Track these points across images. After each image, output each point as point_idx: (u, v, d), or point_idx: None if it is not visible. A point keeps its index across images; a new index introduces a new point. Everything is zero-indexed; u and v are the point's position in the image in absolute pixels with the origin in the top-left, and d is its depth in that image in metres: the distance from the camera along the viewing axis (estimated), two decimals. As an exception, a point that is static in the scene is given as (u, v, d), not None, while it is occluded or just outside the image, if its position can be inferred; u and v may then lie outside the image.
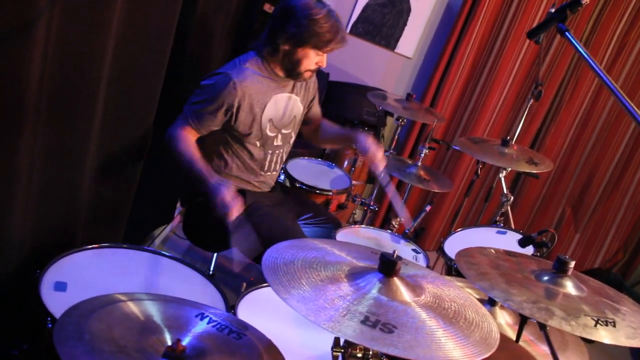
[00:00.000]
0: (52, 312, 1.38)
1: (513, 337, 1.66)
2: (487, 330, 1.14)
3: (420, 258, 2.39)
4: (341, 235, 2.35)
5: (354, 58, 3.78)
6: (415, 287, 1.19)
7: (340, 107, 3.55)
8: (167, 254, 1.79)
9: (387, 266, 1.15)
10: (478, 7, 3.52)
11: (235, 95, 2.04)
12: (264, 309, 1.70)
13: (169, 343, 1.09)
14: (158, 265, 1.74)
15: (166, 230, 3.04)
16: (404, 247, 2.45)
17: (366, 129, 3.59)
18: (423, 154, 2.69)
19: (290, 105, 2.25)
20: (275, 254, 1.20)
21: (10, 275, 1.60)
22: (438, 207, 3.91)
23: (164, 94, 2.10)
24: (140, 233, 2.71)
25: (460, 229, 2.58)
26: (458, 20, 3.59)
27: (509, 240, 2.48)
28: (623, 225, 4.06)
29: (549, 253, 2.20)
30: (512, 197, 2.69)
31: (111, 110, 1.81)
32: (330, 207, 2.78)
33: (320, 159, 3.14)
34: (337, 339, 1.17)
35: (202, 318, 1.21)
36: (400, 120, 3.14)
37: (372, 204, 3.07)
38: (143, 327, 1.11)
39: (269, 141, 2.20)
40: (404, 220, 2.42)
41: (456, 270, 2.30)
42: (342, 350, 1.17)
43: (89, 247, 1.70)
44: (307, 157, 3.08)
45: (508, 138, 2.65)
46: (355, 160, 3.45)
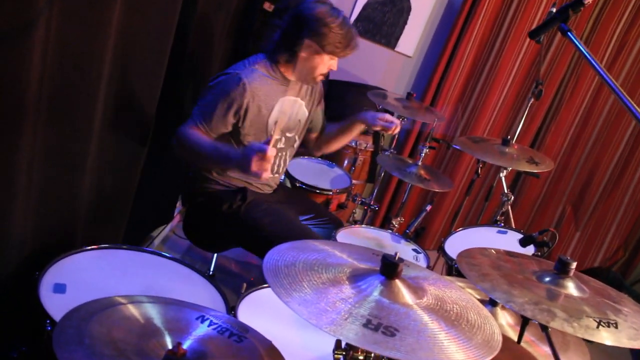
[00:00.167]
0: (51, 314, 1.37)
1: (514, 337, 1.66)
2: (489, 332, 1.13)
3: (421, 258, 2.39)
4: (341, 235, 2.34)
5: (354, 57, 3.71)
6: (417, 289, 1.18)
7: (341, 106, 3.54)
8: (167, 255, 1.78)
9: (389, 268, 1.15)
10: (478, 5, 3.51)
11: (245, 95, 2.03)
12: (265, 310, 1.69)
13: (170, 346, 1.08)
14: (158, 266, 1.74)
15: (166, 230, 3.03)
16: (405, 247, 2.45)
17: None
18: (423, 154, 2.68)
19: (295, 109, 2.24)
20: (276, 255, 1.19)
21: (9, 276, 1.59)
22: (438, 207, 3.91)
23: (164, 93, 2.09)
24: (140, 233, 2.70)
25: (460, 228, 2.57)
26: (458, 18, 3.58)
27: (510, 240, 2.48)
28: (623, 224, 4.06)
29: (550, 252, 2.20)
30: (513, 197, 2.68)
31: (111, 111, 1.80)
32: (330, 207, 2.78)
33: (320, 158, 3.13)
34: (339, 341, 1.17)
35: (203, 320, 1.20)
36: (400, 120, 3.13)
37: (372, 203, 3.07)
38: (143, 330, 1.10)
39: (273, 144, 2.18)
40: None
41: (457, 270, 2.30)
42: (344, 353, 1.17)
43: (89, 248, 1.69)
44: (307, 157, 3.07)
45: (509, 137, 2.64)
46: (355, 160, 3.44)
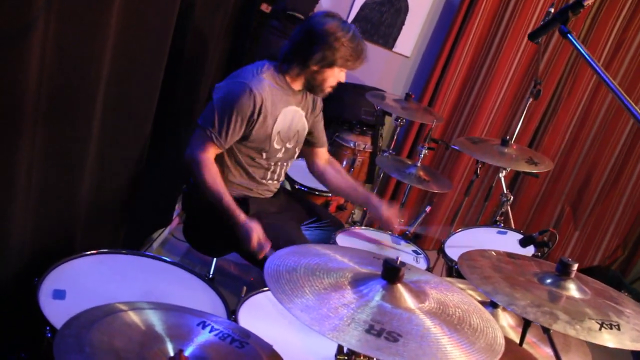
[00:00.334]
0: (51, 321, 1.37)
1: (515, 339, 1.65)
2: (492, 336, 1.13)
3: (421, 259, 2.38)
4: (341, 237, 2.33)
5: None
6: (418, 293, 1.17)
7: (339, 107, 3.54)
8: (167, 260, 1.77)
9: (391, 273, 1.14)
10: (476, 5, 3.50)
11: (255, 106, 2.03)
12: (265, 313, 1.69)
13: (171, 354, 1.08)
14: (158, 270, 1.73)
15: (165, 233, 3.02)
16: (405, 248, 2.44)
17: (365, 128, 3.58)
18: (422, 155, 2.68)
19: (296, 119, 2.23)
20: (277, 261, 1.19)
21: (8, 281, 1.58)
22: (437, 207, 3.91)
23: (162, 94, 2.08)
24: (140, 236, 2.69)
25: (460, 229, 2.57)
26: (456, 18, 3.58)
27: (510, 240, 2.48)
28: (622, 223, 4.06)
29: (549, 252, 2.20)
30: (512, 197, 2.68)
31: (110, 112, 1.79)
32: (329, 208, 2.77)
33: (319, 160, 3.12)
34: (341, 346, 1.16)
35: (204, 327, 1.20)
36: (399, 121, 3.13)
37: (371, 204, 3.06)
38: (145, 337, 1.10)
39: (273, 153, 2.19)
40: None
41: (457, 271, 2.30)
42: (346, 357, 1.16)
43: (88, 253, 1.68)
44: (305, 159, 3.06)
45: (507, 138, 2.64)
46: (354, 161, 3.44)
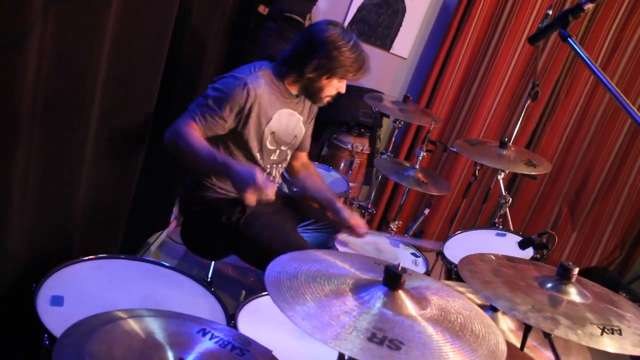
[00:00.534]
0: (49, 328, 1.36)
1: (516, 343, 1.65)
2: (494, 343, 1.12)
3: (420, 262, 2.38)
4: (340, 240, 2.33)
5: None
6: (420, 300, 1.17)
7: (336, 109, 3.52)
8: (166, 264, 1.76)
9: (392, 279, 1.13)
10: (473, 7, 3.50)
11: (248, 101, 2.01)
12: (264, 318, 1.68)
13: (172, 362, 1.07)
14: (156, 275, 1.72)
15: (162, 236, 3.01)
16: (403, 251, 2.44)
17: (363, 130, 3.58)
18: (421, 157, 2.67)
19: (293, 124, 2.22)
20: (277, 267, 1.18)
21: (6, 289, 1.57)
22: (435, 209, 3.90)
23: (160, 98, 2.08)
24: (137, 240, 2.68)
25: (459, 231, 2.56)
26: (453, 20, 3.58)
27: (509, 242, 2.47)
28: (619, 223, 4.07)
29: (548, 254, 2.20)
30: (511, 199, 2.68)
31: (107, 116, 1.78)
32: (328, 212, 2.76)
33: (317, 162, 3.12)
34: (342, 354, 1.15)
35: (205, 334, 1.19)
36: (397, 123, 3.13)
37: (369, 206, 3.06)
38: (145, 345, 1.09)
39: (267, 154, 2.18)
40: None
41: (456, 274, 2.29)
42: (347, 364, 1.15)
43: (86, 258, 1.67)
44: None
45: (506, 140, 2.63)
46: (351, 162, 3.44)
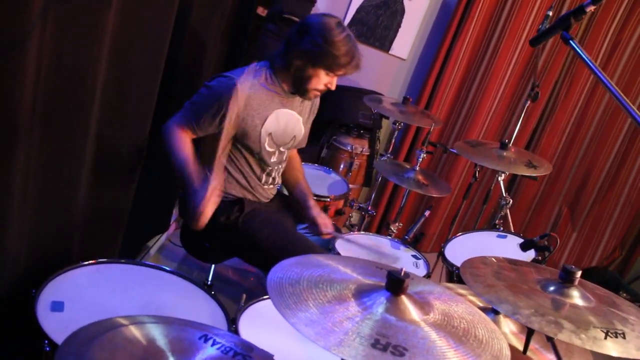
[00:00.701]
0: (50, 334, 1.35)
1: (518, 346, 1.64)
2: (497, 348, 1.11)
3: (421, 264, 2.37)
4: (340, 243, 2.32)
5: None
6: (423, 305, 1.16)
7: (336, 111, 3.53)
8: (166, 269, 1.75)
9: (395, 285, 1.13)
10: (472, 7, 3.50)
11: (236, 102, 2.00)
12: (266, 322, 1.67)
13: (174, 369, 1.06)
14: (157, 280, 1.71)
15: (162, 239, 3.01)
16: (404, 253, 2.43)
17: (362, 132, 3.57)
18: (421, 158, 2.67)
19: (292, 124, 2.21)
20: (280, 273, 1.17)
21: (5, 294, 1.56)
22: (435, 210, 3.90)
23: (159, 98, 2.07)
24: (137, 243, 2.67)
25: (460, 233, 2.56)
26: (452, 21, 3.57)
27: (510, 244, 2.47)
28: (620, 223, 4.07)
29: (550, 255, 2.19)
30: (511, 200, 2.68)
31: (107, 119, 1.78)
32: (328, 214, 2.76)
33: (317, 165, 3.11)
34: (345, 359, 1.14)
35: (206, 340, 1.18)
36: (397, 124, 3.12)
37: (369, 208, 3.05)
38: (146, 353, 1.08)
39: (266, 156, 2.16)
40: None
41: (457, 276, 2.29)
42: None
43: (86, 263, 1.66)
44: (304, 163, 3.04)
45: (506, 141, 2.63)
46: (351, 164, 3.43)
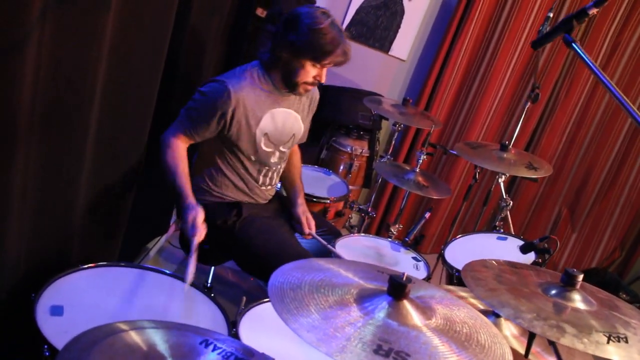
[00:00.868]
0: (49, 338, 1.34)
1: (519, 349, 1.64)
2: (500, 353, 1.11)
3: (421, 266, 2.37)
4: (340, 245, 2.32)
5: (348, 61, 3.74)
6: (425, 310, 1.15)
7: (335, 112, 3.52)
8: (166, 272, 1.75)
9: (397, 289, 1.12)
10: (472, 8, 3.49)
11: (230, 104, 2.00)
12: (266, 325, 1.66)
13: (174, 375, 1.05)
14: (156, 283, 1.70)
15: (161, 241, 2.98)
16: (404, 256, 2.43)
17: (362, 133, 3.56)
18: (421, 160, 2.66)
19: (290, 122, 2.20)
20: (281, 277, 1.16)
21: (4, 298, 1.55)
22: (435, 211, 3.89)
23: (159, 101, 2.07)
24: (136, 245, 2.66)
25: (460, 235, 2.55)
26: (452, 21, 3.57)
27: (510, 246, 2.46)
28: (619, 224, 4.07)
29: (549, 258, 2.19)
30: (512, 202, 2.68)
31: (106, 122, 1.77)
32: (327, 215, 2.75)
33: (316, 166, 3.10)
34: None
35: (207, 345, 1.17)
36: (397, 126, 3.12)
37: (369, 210, 3.05)
38: (147, 358, 1.07)
39: (264, 156, 2.16)
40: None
41: (458, 278, 2.28)
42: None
43: (85, 266, 1.66)
44: (303, 164, 3.04)
45: (507, 142, 2.62)
46: (351, 165, 3.42)
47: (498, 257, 1.64)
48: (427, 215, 2.53)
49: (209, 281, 2.45)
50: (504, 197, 2.71)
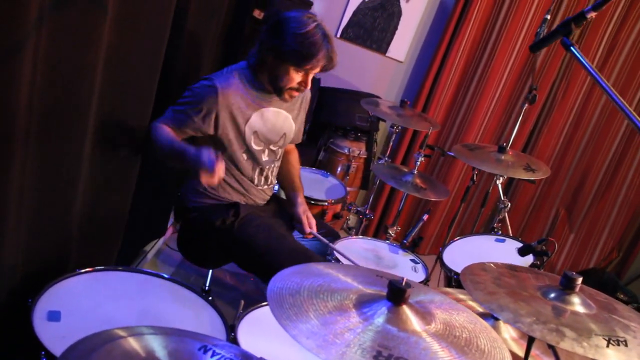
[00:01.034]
0: (46, 345, 1.33)
1: (518, 351, 1.64)
2: (499, 358, 1.10)
3: (419, 268, 2.37)
4: (339, 247, 2.31)
5: (346, 63, 3.73)
6: (424, 315, 1.15)
7: (332, 114, 3.52)
8: (164, 276, 1.74)
9: (396, 295, 1.12)
10: (469, 9, 3.49)
11: (216, 102, 1.99)
12: (265, 329, 1.66)
13: (173, 382, 1.05)
14: (154, 287, 1.70)
15: (159, 243, 2.99)
16: (403, 258, 2.43)
17: (359, 134, 3.56)
18: (419, 162, 2.66)
19: (280, 121, 2.19)
20: (279, 283, 1.16)
21: (1, 304, 1.54)
22: (433, 212, 3.89)
23: (156, 104, 2.06)
24: (134, 248, 2.65)
25: (458, 237, 2.55)
26: (449, 23, 3.57)
27: (508, 249, 2.46)
28: (617, 225, 4.07)
29: (547, 260, 2.19)
30: (509, 204, 2.68)
31: (103, 127, 1.77)
32: (325, 217, 2.75)
33: (314, 168, 3.10)
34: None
35: (206, 351, 1.17)
36: (394, 128, 3.11)
37: (367, 212, 3.04)
38: (145, 365, 1.07)
39: (255, 155, 2.15)
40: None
41: (456, 281, 2.28)
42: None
43: (83, 271, 1.65)
44: (301, 167, 3.03)
45: (504, 144, 2.62)
46: (348, 167, 3.42)
47: (496, 260, 1.64)
48: (425, 217, 2.53)
49: (207, 284, 2.44)
50: (502, 198, 2.70)
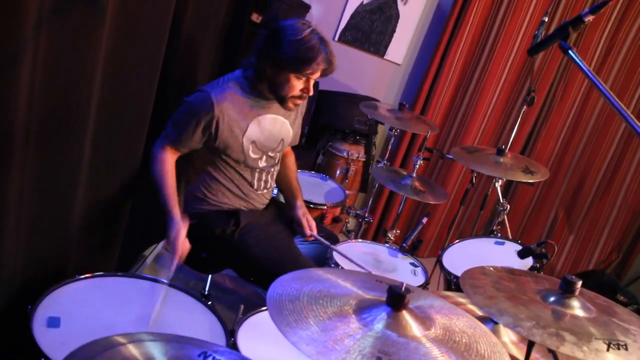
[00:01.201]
0: (46, 351, 1.33)
1: (518, 355, 1.64)
2: (499, 363, 1.11)
3: (419, 272, 2.37)
4: (339, 251, 2.31)
5: (344, 66, 3.70)
6: (424, 320, 1.15)
7: (331, 116, 3.52)
8: (164, 281, 1.74)
9: (396, 300, 1.12)
10: (467, 12, 3.50)
11: (213, 114, 2.00)
12: (264, 334, 1.66)
13: (173, 389, 1.04)
14: (154, 293, 1.69)
15: (158, 247, 2.98)
16: (402, 261, 2.43)
17: (358, 137, 3.56)
18: (418, 165, 2.66)
19: (277, 128, 2.18)
20: (279, 289, 1.16)
21: (1, 304, 1.54)
22: (432, 215, 3.89)
23: (154, 109, 2.06)
24: (134, 254, 2.65)
25: (457, 240, 2.55)
26: (447, 25, 3.57)
27: (508, 251, 2.46)
28: (616, 226, 4.08)
29: (547, 262, 2.19)
30: (509, 206, 2.68)
31: (102, 134, 1.77)
32: (325, 221, 2.75)
33: (313, 172, 3.10)
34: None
35: (205, 358, 1.16)
36: (393, 131, 3.12)
37: (366, 215, 3.04)
38: (145, 372, 1.07)
39: (253, 163, 2.15)
40: None
41: (456, 284, 2.28)
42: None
43: (82, 277, 1.65)
44: (300, 170, 3.03)
45: (503, 147, 2.62)
46: (347, 170, 3.42)
47: (496, 263, 1.64)
48: (425, 220, 2.53)
49: (207, 289, 2.44)
50: (501, 201, 2.71)
